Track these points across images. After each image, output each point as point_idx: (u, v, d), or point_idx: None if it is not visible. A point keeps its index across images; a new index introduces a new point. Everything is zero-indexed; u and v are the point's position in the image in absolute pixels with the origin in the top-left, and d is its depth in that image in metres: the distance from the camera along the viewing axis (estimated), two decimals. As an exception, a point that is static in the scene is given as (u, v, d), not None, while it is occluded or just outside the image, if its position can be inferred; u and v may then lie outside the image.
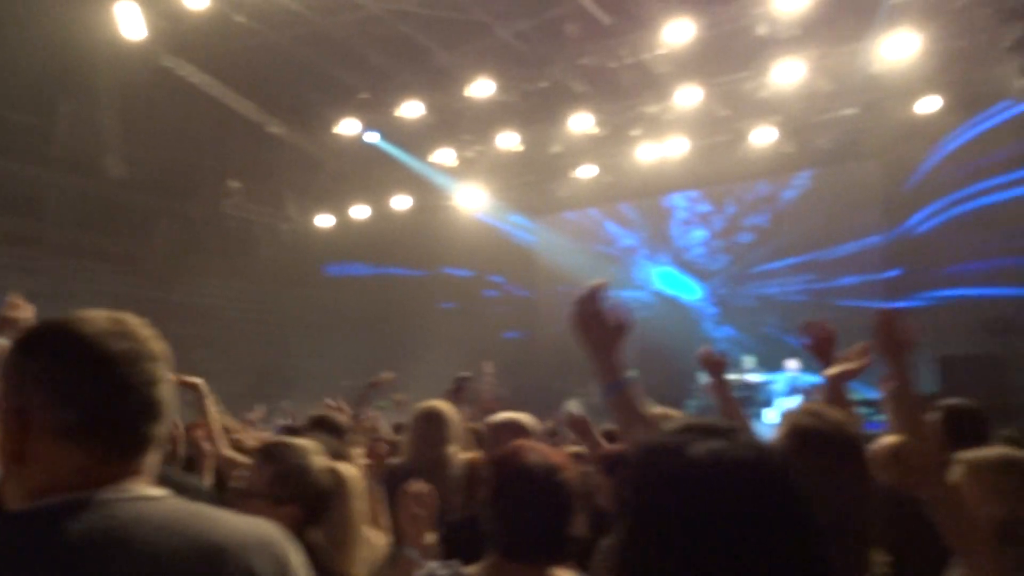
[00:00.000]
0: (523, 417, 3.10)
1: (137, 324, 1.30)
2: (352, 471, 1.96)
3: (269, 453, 1.99)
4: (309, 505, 1.90)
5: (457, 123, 14.94)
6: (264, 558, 1.26)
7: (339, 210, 18.09)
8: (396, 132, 15.46)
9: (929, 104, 12.57)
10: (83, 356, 1.22)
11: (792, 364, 14.03)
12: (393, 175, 17.01)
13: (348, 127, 15.06)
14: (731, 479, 0.95)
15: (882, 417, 3.76)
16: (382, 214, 17.62)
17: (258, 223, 18.53)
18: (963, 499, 2.28)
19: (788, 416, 1.96)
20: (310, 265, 19.90)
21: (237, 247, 19.21)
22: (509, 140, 14.75)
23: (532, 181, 17.03)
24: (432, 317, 18.72)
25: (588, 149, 15.17)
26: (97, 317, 1.28)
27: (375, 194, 17.59)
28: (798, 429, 1.82)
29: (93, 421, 1.21)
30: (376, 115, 14.97)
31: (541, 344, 19.39)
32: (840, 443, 1.79)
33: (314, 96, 16.08)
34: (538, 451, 1.98)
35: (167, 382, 1.28)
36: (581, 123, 13.84)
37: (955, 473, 2.43)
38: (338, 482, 1.95)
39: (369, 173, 17.48)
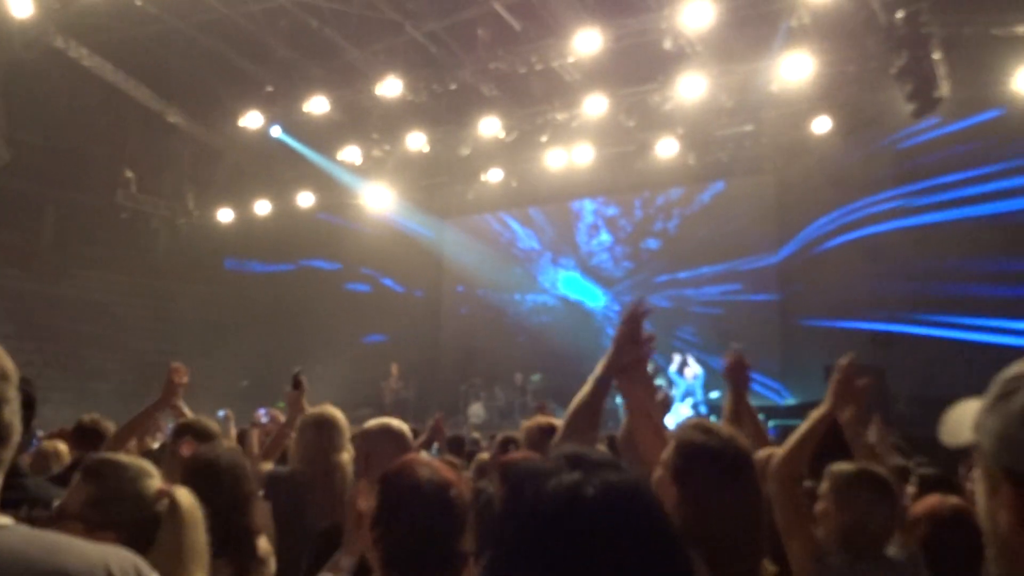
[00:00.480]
0: (396, 423, 3.04)
1: None
2: (188, 498, 1.82)
3: (91, 471, 1.83)
4: (129, 532, 1.75)
5: (365, 121, 14.75)
6: None
7: (241, 205, 17.60)
8: (301, 127, 15.15)
9: (821, 124, 13.14)
10: None
11: (689, 373, 14.43)
12: (297, 171, 16.67)
13: (252, 120, 14.65)
14: (578, 517, 0.94)
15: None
16: (285, 211, 17.23)
17: (155, 216, 17.85)
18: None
19: (677, 431, 1.99)
20: (209, 261, 19.29)
21: (131, 240, 18.44)
22: (417, 141, 14.65)
23: (440, 183, 16.97)
24: (335, 317, 18.42)
25: (496, 153, 15.22)
26: None
27: (278, 190, 17.20)
28: (687, 444, 1.85)
29: None
30: (281, 109, 14.64)
31: (445, 346, 19.36)
32: (729, 458, 1.83)
33: (217, 87, 15.61)
34: (428, 466, 1.96)
35: (14, 402, 1.21)
36: (490, 127, 13.87)
37: (823, 485, 2.58)
38: (171, 509, 1.80)
39: (273, 168, 17.09)
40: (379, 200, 16.83)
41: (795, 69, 11.42)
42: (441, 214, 19.12)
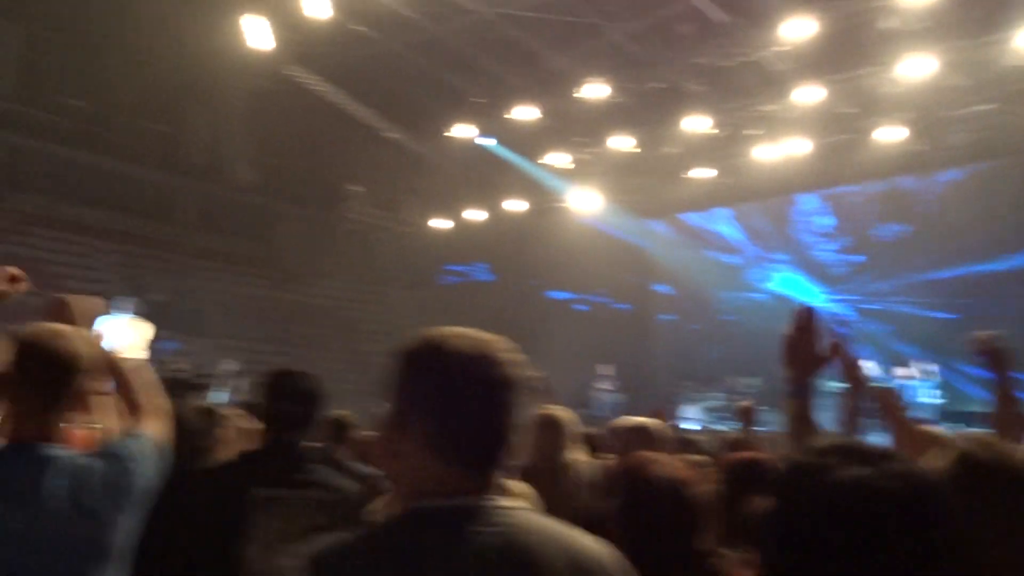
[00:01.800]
0: (651, 423, 3.02)
1: (504, 348, 1.37)
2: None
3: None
4: None
5: (570, 126, 14.94)
6: None
7: (455, 213, 18.37)
8: (509, 135, 15.59)
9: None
10: (454, 376, 1.30)
11: (901, 373, 13.34)
12: (507, 178, 17.16)
13: (462, 131, 15.30)
14: (874, 510, 0.93)
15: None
16: (497, 217, 17.78)
17: (376, 226, 19.05)
18: None
19: (957, 443, 1.84)
20: (427, 267, 20.31)
21: (356, 249, 19.82)
22: (623, 142, 14.63)
23: (647, 183, 16.82)
24: (549, 320, 18.70)
25: (704, 149, 14.86)
26: (471, 338, 1.36)
27: (490, 197, 17.78)
28: (968, 460, 1.71)
29: (455, 437, 1.29)
30: (489, 119, 15.14)
31: (654, 348, 19.14)
32: (1014, 479, 1.68)
33: (429, 101, 16.40)
34: (666, 465, 1.94)
35: (524, 407, 1.34)
36: (696, 123, 13.57)
37: None
38: None
39: (484, 177, 17.69)
40: (586, 203, 16.95)
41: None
42: (649, 214, 18.93)
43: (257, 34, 13.15)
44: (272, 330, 18.68)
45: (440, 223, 18.65)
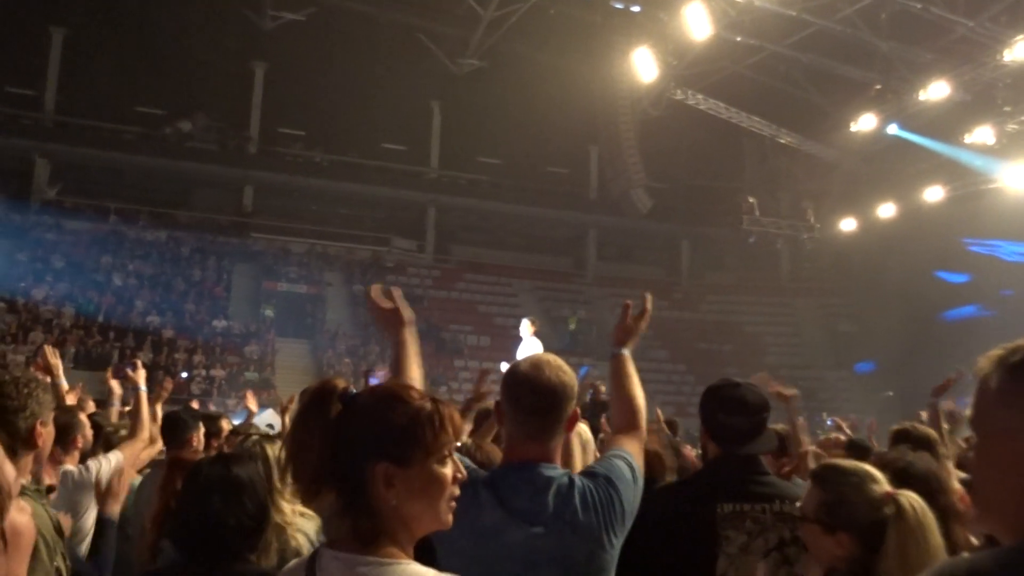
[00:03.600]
0: None
1: None
2: (914, 501, 1.74)
3: (819, 477, 1.91)
4: (861, 535, 1.74)
5: (991, 96, 13.17)
6: None
7: (861, 212, 17.06)
8: (918, 119, 14.19)
9: None
10: None
11: None
12: (918, 166, 15.60)
13: (864, 123, 14.31)
14: None
15: None
16: (910, 210, 16.14)
17: (778, 235, 18.50)
18: None
19: None
20: (833, 273, 19.26)
21: (757, 261, 19.44)
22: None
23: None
24: (990, 320, 16.21)
25: None
26: None
27: (901, 189, 16.22)
28: None
29: None
30: (893, 105, 13.96)
31: None
32: None
33: (822, 98, 15.62)
34: None
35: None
36: None
37: None
38: (896, 513, 1.74)
39: (891, 168, 16.31)
40: (1022, 180, 14.68)
41: None
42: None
43: (643, 66, 13.68)
44: (678, 350, 18.97)
45: (846, 224, 17.49)
